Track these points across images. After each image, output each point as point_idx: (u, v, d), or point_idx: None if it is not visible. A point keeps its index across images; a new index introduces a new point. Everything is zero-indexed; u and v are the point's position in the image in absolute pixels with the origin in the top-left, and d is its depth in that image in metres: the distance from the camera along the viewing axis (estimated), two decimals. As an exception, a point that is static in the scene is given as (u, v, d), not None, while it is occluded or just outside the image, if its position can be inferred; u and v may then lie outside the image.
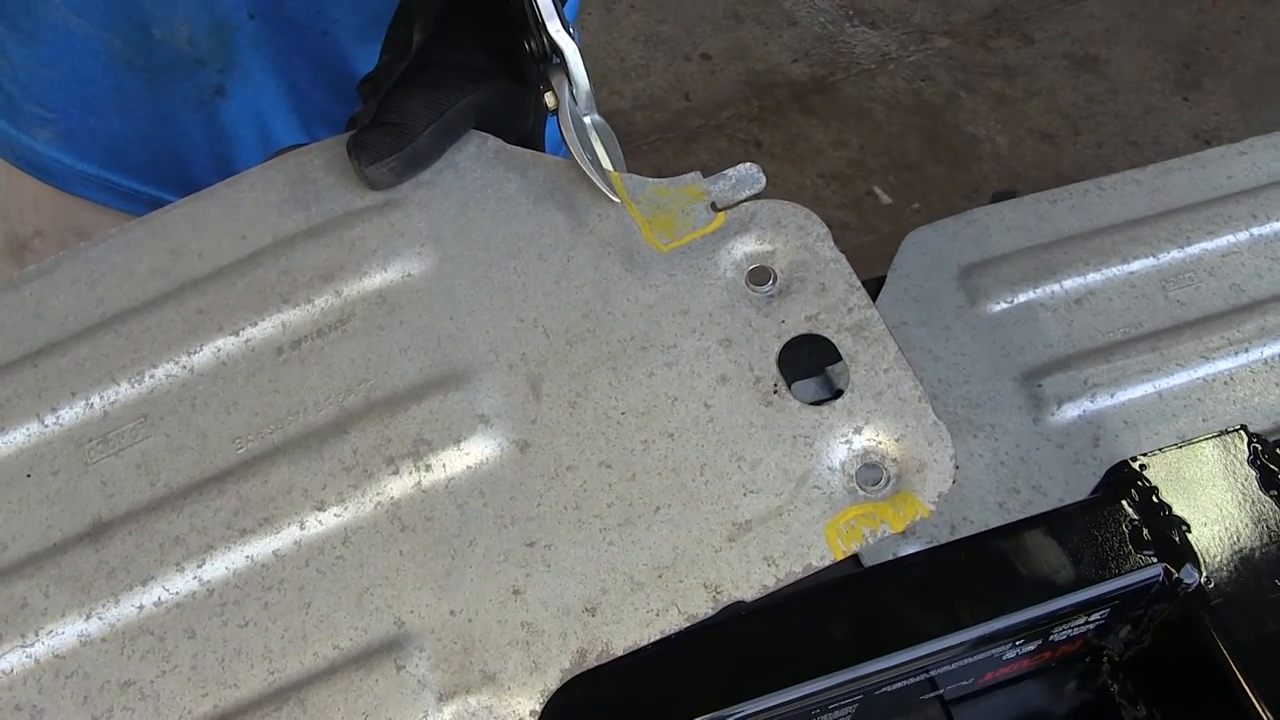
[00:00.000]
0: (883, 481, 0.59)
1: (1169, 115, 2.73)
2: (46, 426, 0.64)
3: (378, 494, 0.60)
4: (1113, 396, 0.81)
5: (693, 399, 0.61)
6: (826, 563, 0.57)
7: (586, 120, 0.68)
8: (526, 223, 0.67)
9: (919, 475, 0.58)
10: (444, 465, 0.60)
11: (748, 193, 0.67)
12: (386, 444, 0.61)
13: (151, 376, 0.64)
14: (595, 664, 0.56)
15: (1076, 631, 0.62)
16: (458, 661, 0.56)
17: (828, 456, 0.59)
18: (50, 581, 0.60)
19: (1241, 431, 0.64)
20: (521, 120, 0.72)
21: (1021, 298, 0.85)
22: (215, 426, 0.63)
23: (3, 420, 0.64)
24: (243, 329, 0.65)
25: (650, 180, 0.68)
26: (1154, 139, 2.68)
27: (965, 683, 0.63)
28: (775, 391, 0.61)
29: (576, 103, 0.67)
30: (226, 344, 0.65)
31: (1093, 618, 0.61)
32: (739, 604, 0.57)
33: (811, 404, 0.60)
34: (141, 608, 0.59)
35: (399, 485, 0.60)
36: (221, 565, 0.59)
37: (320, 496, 0.60)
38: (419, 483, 0.60)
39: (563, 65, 0.67)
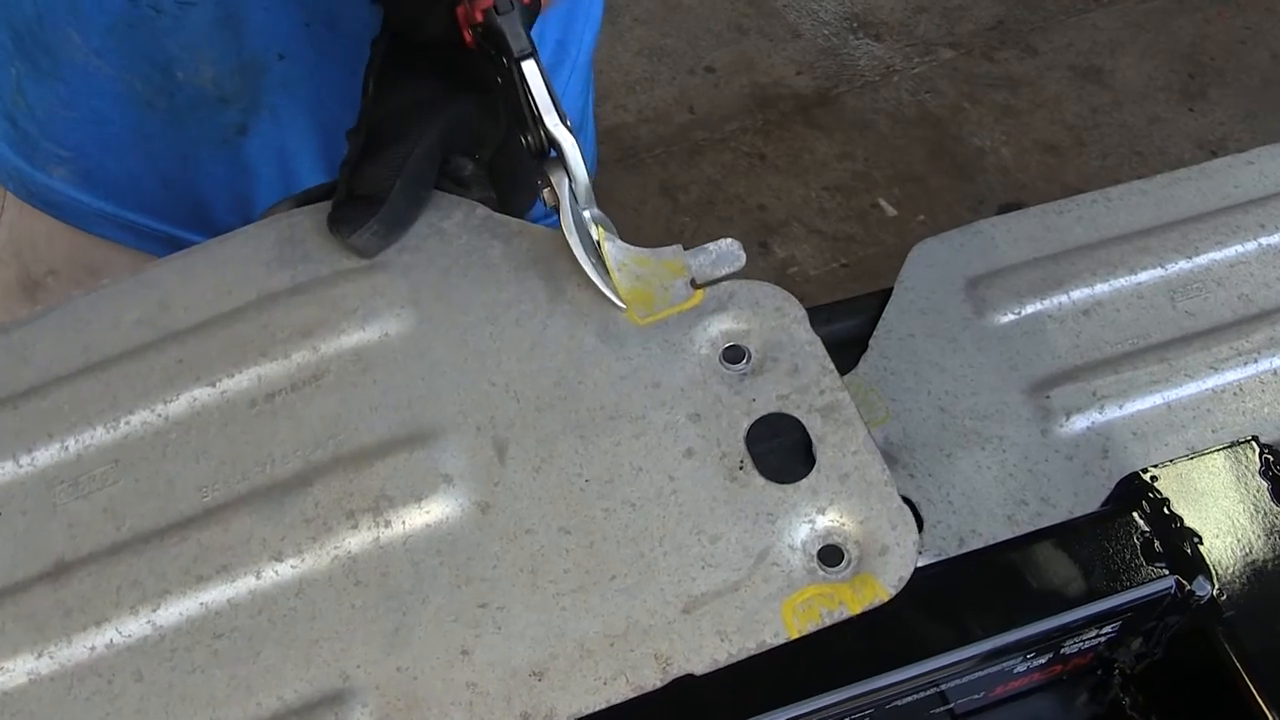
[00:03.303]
0: (843, 563, 0.58)
1: (1174, 126, 2.73)
2: (21, 467, 0.64)
3: (335, 547, 0.60)
4: (1121, 408, 0.80)
5: (657, 470, 0.61)
6: (780, 641, 0.56)
7: (586, 215, 0.67)
8: (506, 289, 0.67)
9: (881, 558, 0.58)
10: (403, 522, 0.61)
11: (727, 270, 0.67)
12: (348, 498, 0.61)
13: (127, 423, 0.65)
14: None
15: (1088, 644, 0.62)
16: (399, 718, 0.56)
17: (789, 535, 0.59)
18: (7, 619, 0.60)
19: (1253, 443, 0.64)
20: (493, 127, 0.72)
21: (1029, 309, 0.85)
22: (183, 474, 0.63)
23: None
24: (219, 380, 0.66)
25: (632, 249, 0.67)
26: (1159, 150, 2.67)
27: (976, 696, 0.62)
28: (741, 468, 0.61)
29: (577, 199, 0.67)
30: (202, 394, 0.65)
31: (1104, 630, 0.61)
32: (689, 677, 0.56)
33: (776, 482, 0.60)
34: (93, 649, 0.59)
35: (357, 540, 0.61)
36: (175, 611, 0.60)
37: (278, 547, 0.60)
38: (377, 538, 0.61)
39: (561, 160, 0.66)
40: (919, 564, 0.75)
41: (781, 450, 0.61)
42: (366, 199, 0.67)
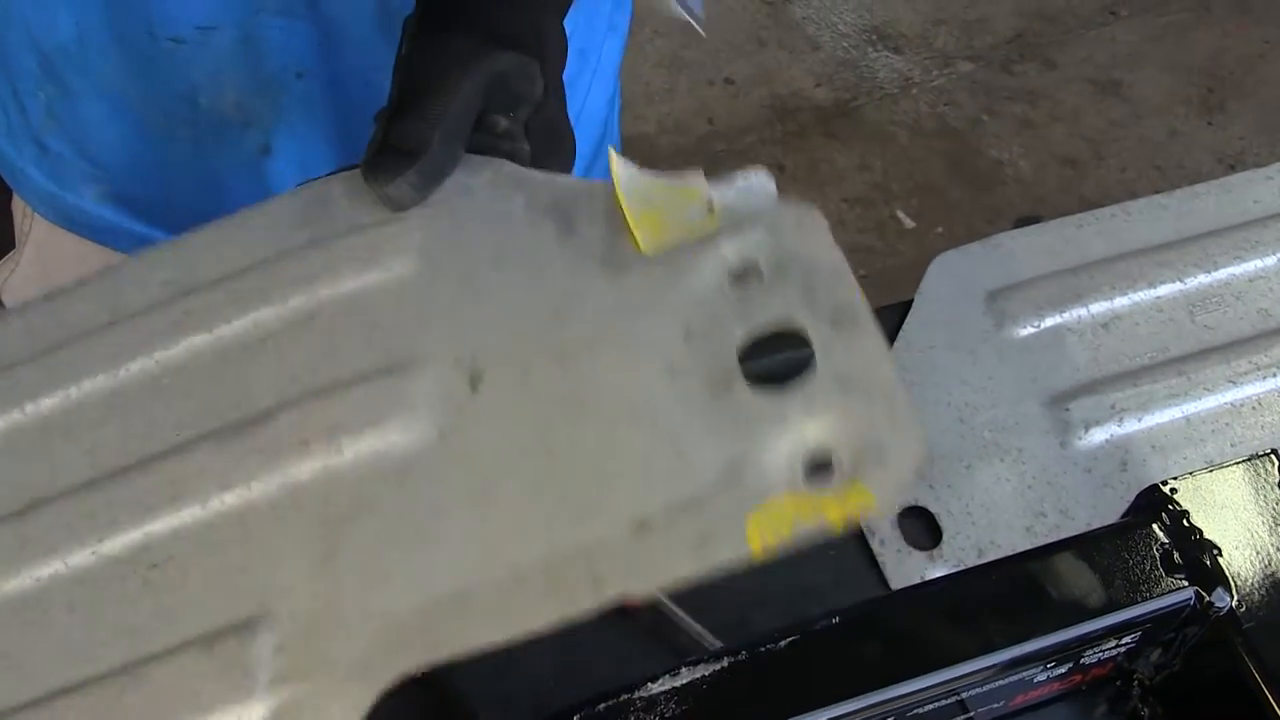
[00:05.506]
0: (832, 471, 0.50)
1: (1193, 139, 2.73)
2: (25, 415, 0.64)
3: (284, 475, 0.57)
4: (1140, 421, 0.81)
5: (635, 389, 0.55)
6: (740, 555, 0.49)
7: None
8: (518, 236, 0.64)
9: (876, 467, 0.50)
10: (355, 448, 0.57)
11: (754, 205, 0.60)
12: (305, 426, 0.58)
13: (126, 370, 0.64)
14: (449, 658, 0.51)
15: (1107, 655, 0.62)
16: (301, 646, 0.53)
17: (770, 442, 0.52)
18: None
19: (1272, 455, 0.64)
20: (529, 87, 0.70)
21: (1048, 322, 0.86)
22: (166, 415, 0.62)
23: None
24: (217, 327, 0.64)
25: (647, 173, 0.62)
26: (1178, 163, 2.67)
27: (996, 705, 0.63)
28: (729, 384, 0.54)
29: None
30: (199, 340, 0.64)
31: (1124, 641, 0.61)
32: (631, 603, 0.52)
33: (765, 394, 0.53)
34: (38, 580, 0.58)
35: (306, 467, 0.58)
36: (120, 542, 0.58)
37: (228, 477, 0.58)
38: (326, 465, 0.57)
39: None
40: (939, 573, 0.76)
41: (778, 363, 0.54)
42: (405, 151, 0.65)
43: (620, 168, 0.63)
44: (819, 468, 0.51)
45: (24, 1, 0.86)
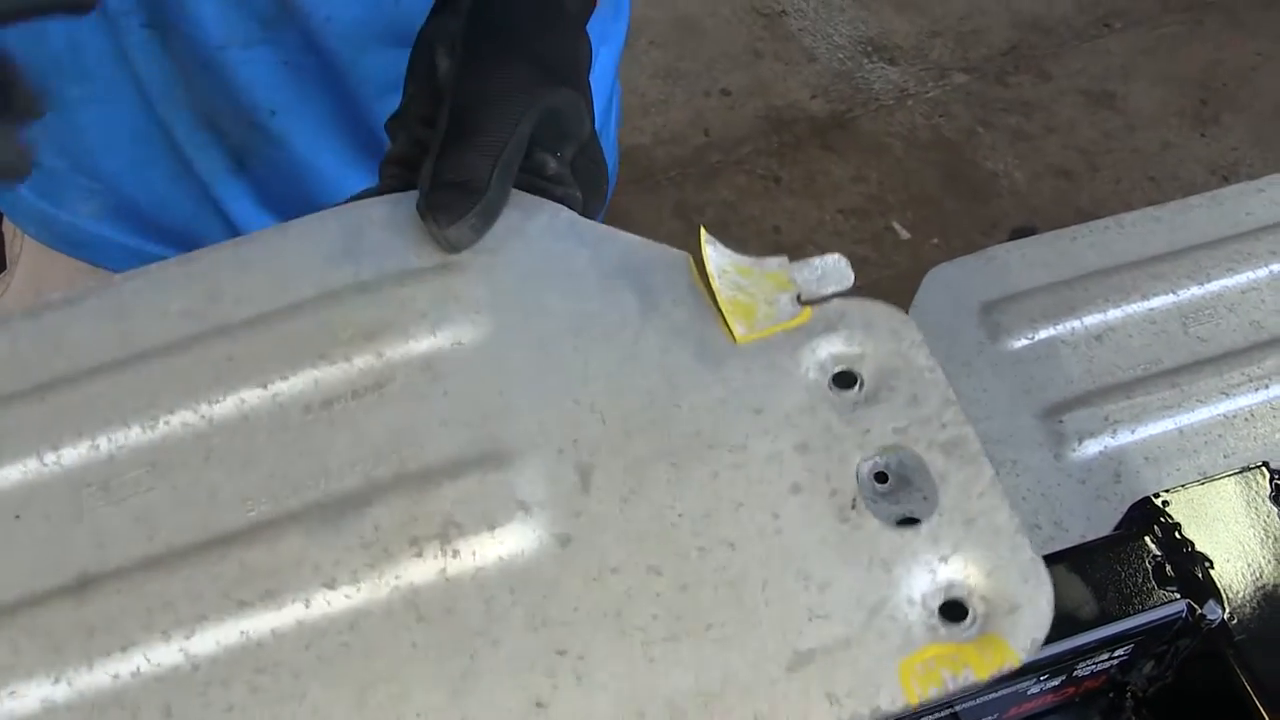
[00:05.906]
0: (968, 620, 0.52)
1: (1186, 151, 2.74)
2: (46, 466, 0.57)
3: (396, 577, 0.53)
4: (1134, 433, 0.81)
5: (759, 507, 0.54)
6: (898, 707, 0.50)
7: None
8: (593, 300, 0.61)
9: (1010, 617, 0.51)
10: (473, 552, 0.54)
11: (834, 288, 0.60)
12: (412, 522, 0.54)
13: (166, 423, 0.58)
14: None
15: (1100, 667, 0.62)
16: None
17: (907, 586, 0.52)
18: (21, 635, 0.53)
19: (1263, 468, 0.64)
20: (578, 126, 0.67)
21: (1042, 334, 0.86)
22: (227, 484, 0.56)
23: None
24: (271, 382, 0.59)
25: (735, 255, 0.61)
26: (1172, 175, 2.68)
27: (990, 718, 0.63)
28: (853, 507, 0.54)
29: None
30: (251, 396, 0.58)
31: (1116, 653, 0.62)
32: None
33: (892, 525, 0.54)
34: (117, 677, 0.52)
35: (421, 569, 0.54)
36: (212, 639, 0.53)
37: (332, 573, 0.53)
38: (444, 569, 0.54)
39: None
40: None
41: (898, 489, 0.55)
42: (461, 185, 0.61)
43: (710, 248, 0.61)
44: (951, 612, 0.52)
45: None
